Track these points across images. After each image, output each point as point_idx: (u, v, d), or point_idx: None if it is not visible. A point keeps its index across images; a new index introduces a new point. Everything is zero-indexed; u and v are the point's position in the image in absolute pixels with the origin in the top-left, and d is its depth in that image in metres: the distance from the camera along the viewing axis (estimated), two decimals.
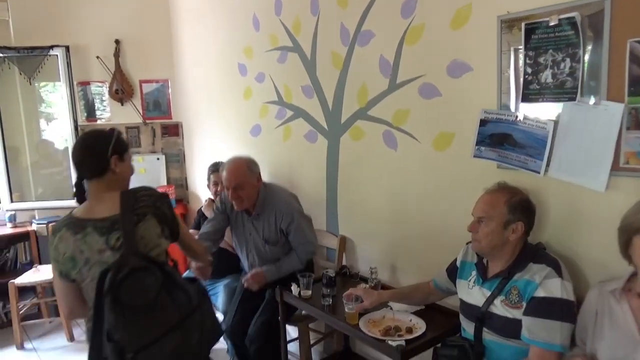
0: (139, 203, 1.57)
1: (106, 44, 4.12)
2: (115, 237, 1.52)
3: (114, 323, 1.39)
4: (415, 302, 2.11)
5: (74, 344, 3.61)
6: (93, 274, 1.49)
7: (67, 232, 1.53)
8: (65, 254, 1.53)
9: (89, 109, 4.25)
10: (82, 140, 1.70)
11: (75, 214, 1.58)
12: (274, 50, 3.10)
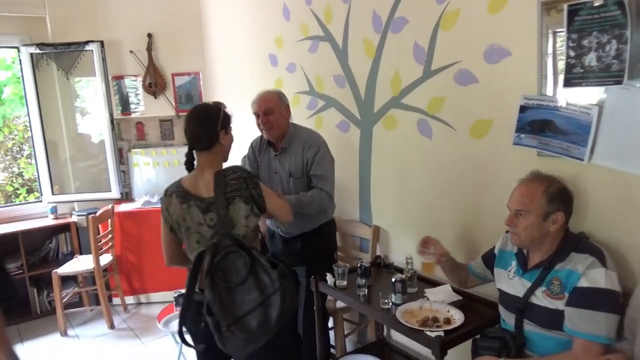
0: (228, 187, 1.77)
1: (139, 39, 4.19)
2: (210, 217, 1.76)
3: (212, 300, 1.65)
4: (459, 278, 2.10)
5: (114, 332, 3.73)
6: (192, 240, 1.79)
7: (176, 199, 1.79)
8: (172, 216, 1.79)
9: (124, 102, 4.34)
10: (194, 115, 1.82)
11: (183, 183, 1.82)
12: (305, 39, 3.08)
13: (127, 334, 3.68)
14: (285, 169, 2.53)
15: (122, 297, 4.07)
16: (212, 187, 1.76)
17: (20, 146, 5.66)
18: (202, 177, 1.81)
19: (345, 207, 3.02)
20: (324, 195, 2.47)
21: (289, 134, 2.51)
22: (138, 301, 4.17)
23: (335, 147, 3.00)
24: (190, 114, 1.84)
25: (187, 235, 1.80)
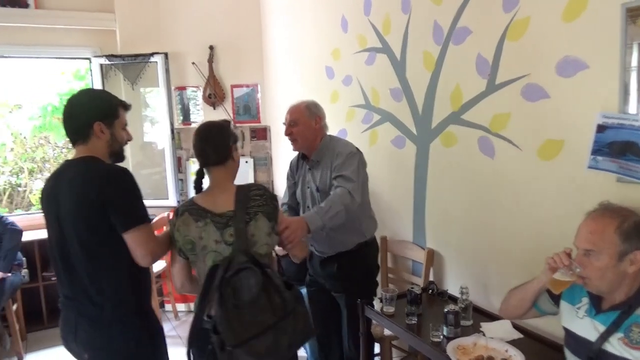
0: (251, 202, 1.67)
1: (201, 51, 4.28)
2: (228, 233, 1.64)
3: (219, 317, 1.53)
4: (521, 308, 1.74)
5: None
6: (208, 260, 1.65)
7: (189, 217, 1.66)
8: (186, 236, 1.66)
9: (185, 112, 4.44)
10: (205, 130, 1.75)
11: (197, 201, 1.70)
12: (362, 51, 2.99)
13: (176, 342, 3.70)
14: (315, 184, 2.41)
15: (173, 304, 4.12)
16: (232, 201, 1.66)
17: None
18: (220, 193, 1.70)
19: (397, 227, 2.87)
20: (343, 193, 2.14)
21: (322, 147, 2.39)
22: (189, 309, 4.21)
23: (389, 164, 2.88)
24: (201, 129, 1.75)
25: (203, 255, 1.66)
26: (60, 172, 1.73)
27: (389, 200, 2.87)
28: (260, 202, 1.68)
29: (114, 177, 1.64)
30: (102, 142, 1.71)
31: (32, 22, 4.04)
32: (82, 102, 1.71)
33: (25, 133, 5.60)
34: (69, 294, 1.73)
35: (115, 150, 1.76)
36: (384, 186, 2.95)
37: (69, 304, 1.74)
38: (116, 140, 1.74)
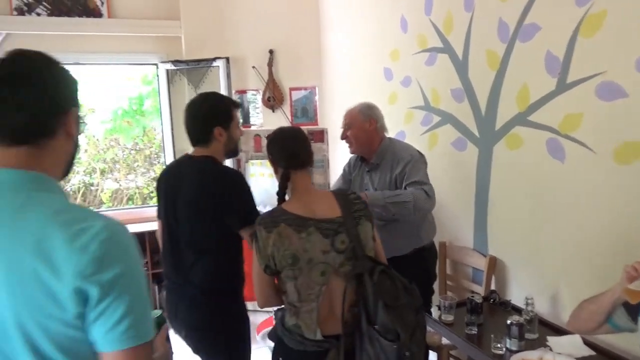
0: (354, 206, 1.61)
1: (261, 54, 4.35)
2: (340, 240, 1.54)
3: (390, 323, 1.44)
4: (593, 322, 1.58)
5: None
6: (314, 273, 1.53)
7: (287, 228, 1.52)
8: (286, 250, 1.51)
9: (245, 115, 4.54)
10: (297, 133, 1.71)
11: (290, 209, 1.57)
12: (422, 52, 2.91)
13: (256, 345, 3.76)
14: (373, 187, 2.38)
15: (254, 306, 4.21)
16: (334, 206, 1.58)
17: (157, 154, 6.24)
18: (314, 199, 1.61)
19: (456, 233, 2.77)
20: (417, 191, 2.15)
21: (381, 150, 2.36)
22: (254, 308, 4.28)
23: (449, 167, 2.79)
24: (288, 132, 1.72)
25: (309, 269, 1.52)
26: (181, 165, 1.90)
27: (448, 204, 2.77)
28: (360, 206, 1.62)
29: (234, 180, 1.83)
30: (220, 144, 1.85)
31: (105, 31, 4.28)
32: (203, 110, 1.86)
33: (98, 135, 5.96)
34: (173, 277, 1.90)
35: (231, 149, 1.92)
36: (443, 190, 2.84)
37: (172, 286, 1.93)
38: (232, 139, 1.89)
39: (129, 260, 0.85)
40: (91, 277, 0.79)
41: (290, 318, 1.58)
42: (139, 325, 0.84)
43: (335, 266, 1.54)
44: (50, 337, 0.81)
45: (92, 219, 0.84)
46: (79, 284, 0.79)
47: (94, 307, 0.80)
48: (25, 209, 0.84)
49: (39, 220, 0.82)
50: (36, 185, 0.87)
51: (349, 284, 1.54)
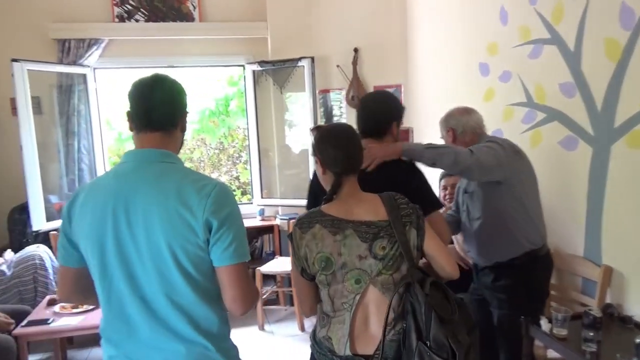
0: (401, 211, 1.47)
1: (346, 53, 4.32)
2: (379, 246, 1.41)
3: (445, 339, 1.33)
4: None
5: (304, 334, 3.86)
6: (348, 281, 1.42)
7: (322, 230, 1.42)
8: (320, 252, 1.42)
9: (328, 115, 4.52)
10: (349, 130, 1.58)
11: (328, 211, 1.46)
12: (525, 44, 2.72)
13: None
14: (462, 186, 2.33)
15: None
16: (379, 209, 1.46)
17: (240, 153, 6.43)
18: (357, 202, 1.49)
19: (563, 238, 2.55)
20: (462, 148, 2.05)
21: None
22: None
23: (555, 167, 2.58)
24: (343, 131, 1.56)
25: (342, 274, 1.42)
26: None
27: (553, 208, 2.56)
28: (408, 212, 1.47)
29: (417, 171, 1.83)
30: (392, 139, 1.88)
31: (197, 34, 4.45)
32: (386, 104, 1.93)
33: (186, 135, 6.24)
34: None
35: None
36: (547, 192, 2.63)
37: None
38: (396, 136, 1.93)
39: (234, 204, 1.28)
40: (213, 214, 1.22)
41: (322, 329, 1.48)
42: (241, 248, 1.26)
43: (372, 274, 1.41)
44: (187, 256, 1.22)
45: (208, 179, 1.30)
46: (207, 218, 1.21)
47: (214, 235, 1.22)
48: (166, 172, 1.27)
49: (176, 179, 1.26)
50: (168, 158, 1.31)
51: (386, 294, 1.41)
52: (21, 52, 3.89)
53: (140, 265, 1.23)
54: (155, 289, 1.24)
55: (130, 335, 1.26)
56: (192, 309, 1.25)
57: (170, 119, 1.32)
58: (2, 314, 2.92)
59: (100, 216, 1.24)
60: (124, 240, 1.23)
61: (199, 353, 1.26)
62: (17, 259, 3.41)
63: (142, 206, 1.23)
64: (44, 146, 4.09)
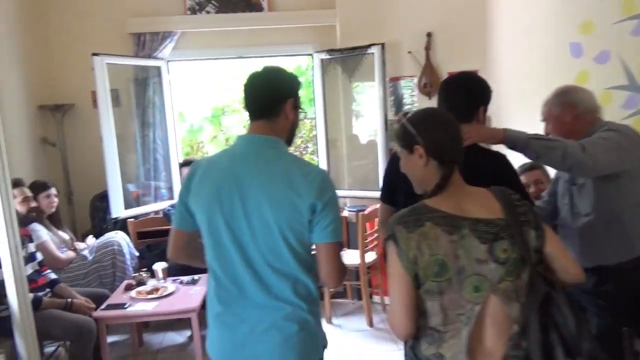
0: (517, 209, 1.30)
1: (418, 38, 4.11)
2: (501, 248, 1.24)
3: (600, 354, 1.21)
4: None
5: (372, 330, 3.77)
6: (466, 289, 1.24)
7: (435, 228, 1.25)
8: (432, 255, 1.23)
9: (398, 104, 4.35)
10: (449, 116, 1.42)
11: (437, 206, 1.28)
12: (628, 19, 2.42)
13: (384, 336, 3.65)
14: (577, 204, 2.02)
15: (382, 297, 4.10)
16: (493, 205, 1.30)
17: (307, 143, 6.40)
18: (467, 194, 1.33)
19: None
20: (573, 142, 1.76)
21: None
22: None
23: None
24: (446, 117, 1.39)
25: (459, 281, 1.24)
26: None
27: None
28: (524, 209, 1.32)
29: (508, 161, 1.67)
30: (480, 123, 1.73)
31: (266, 24, 4.43)
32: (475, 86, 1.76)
33: None
34: None
35: None
36: None
37: None
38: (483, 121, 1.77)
39: (333, 190, 1.46)
40: (318, 198, 1.39)
41: (430, 346, 1.28)
42: (337, 229, 1.43)
43: (494, 281, 1.24)
44: (293, 232, 1.41)
45: (312, 166, 1.52)
46: (312, 201, 1.39)
47: (317, 216, 1.40)
48: (275, 158, 1.46)
49: (285, 164, 1.45)
50: (275, 144, 1.48)
51: (508, 304, 1.24)
52: (101, 46, 4.06)
53: (251, 237, 1.43)
54: (262, 258, 1.43)
55: (240, 296, 1.47)
56: (294, 276, 1.45)
57: (271, 108, 1.48)
58: (85, 297, 3.06)
59: (216, 192, 1.44)
60: (236, 215, 1.43)
61: (297, 313, 1.46)
62: (97, 245, 3.57)
63: (253, 187, 1.42)
64: (122, 137, 4.27)
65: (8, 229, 2.38)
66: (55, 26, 4.29)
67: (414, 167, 1.38)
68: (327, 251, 1.42)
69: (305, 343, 1.47)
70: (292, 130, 1.55)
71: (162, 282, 3.34)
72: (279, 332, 1.45)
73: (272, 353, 1.45)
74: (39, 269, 3.02)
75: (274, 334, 1.45)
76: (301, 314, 1.46)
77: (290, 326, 1.45)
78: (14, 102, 3.86)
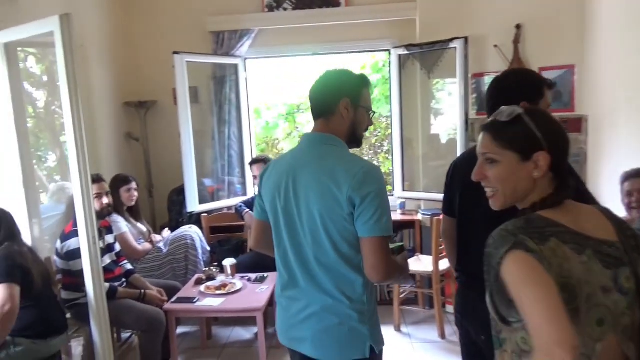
0: (627, 232, 1.11)
1: (506, 31, 3.80)
2: (625, 276, 1.05)
3: None
4: None
5: (444, 342, 3.54)
6: (590, 319, 1.03)
7: (562, 246, 1.04)
8: (563, 277, 1.01)
9: (480, 102, 4.06)
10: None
11: (557, 219, 1.08)
12: None
13: (456, 350, 3.38)
14: None
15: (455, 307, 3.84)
16: (605, 225, 1.11)
17: (382, 142, 6.22)
18: (577, 210, 1.13)
19: None
20: None
21: None
22: None
23: None
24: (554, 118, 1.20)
25: (586, 309, 1.03)
26: None
27: None
28: (632, 232, 1.13)
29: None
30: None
31: (343, 20, 4.32)
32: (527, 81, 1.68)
33: None
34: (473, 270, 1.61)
35: None
36: None
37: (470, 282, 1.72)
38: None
39: (377, 185, 1.46)
40: (356, 191, 1.42)
41: None
42: (380, 224, 1.44)
43: (616, 314, 1.04)
44: (334, 225, 1.47)
45: (360, 162, 1.52)
46: (350, 194, 1.43)
47: (357, 209, 1.44)
48: (327, 153, 1.53)
49: (334, 160, 1.50)
50: (331, 141, 1.56)
51: (626, 344, 1.03)
52: (181, 45, 4.17)
53: (301, 228, 1.54)
54: (309, 249, 1.53)
55: (290, 282, 1.60)
56: (336, 270, 1.51)
57: (326, 107, 1.58)
58: (158, 289, 3.15)
59: (277, 185, 1.59)
60: (291, 207, 1.55)
61: (338, 307, 1.52)
62: (172, 238, 3.67)
63: (305, 181, 1.52)
64: (200, 133, 4.38)
65: (87, 221, 2.48)
66: (140, 26, 4.48)
67: (520, 177, 1.13)
68: (369, 245, 1.45)
69: (346, 338, 1.52)
70: (353, 129, 1.60)
71: (230, 279, 3.37)
72: (320, 322, 1.54)
73: (312, 340, 1.56)
74: (116, 259, 3.15)
75: (315, 322, 1.55)
76: (342, 309, 1.52)
77: (330, 318, 1.53)
78: (102, 99, 4.09)
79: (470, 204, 1.66)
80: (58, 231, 3.09)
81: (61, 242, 2.80)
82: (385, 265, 1.46)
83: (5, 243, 2.36)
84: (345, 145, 1.58)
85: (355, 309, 1.52)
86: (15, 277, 2.26)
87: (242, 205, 4.03)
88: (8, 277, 2.24)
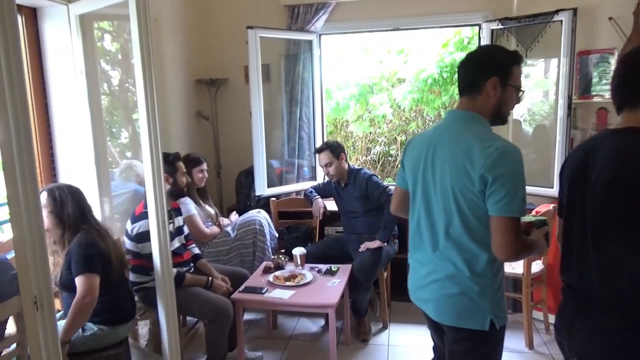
0: None
1: (625, 1, 3.25)
2: None
3: None
4: None
5: (531, 353, 3.17)
6: None
7: None
8: None
9: (586, 83, 3.54)
10: None
11: None
12: None
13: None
14: None
15: (545, 314, 3.44)
16: None
17: None
18: None
19: None
20: None
21: None
22: None
23: None
24: None
25: None
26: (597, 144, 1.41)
27: None
28: None
29: None
30: None
31: None
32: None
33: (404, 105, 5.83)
34: (572, 281, 1.49)
35: None
36: None
37: (570, 294, 1.50)
38: None
39: (512, 165, 1.48)
40: (488, 171, 1.48)
41: None
42: (511, 205, 1.46)
43: None
44: (465, 199, 1.55)
45: (497, 142, 1.51)
46: (482, 173, 1.49)
47: (489, 188, 1.49)
48: (465, 130, 1.59)
49: (469, 138, 1.55)
50: (469, 118, 1.61)
51: None
52: (255, 20, 3.97)
53: (435, 200, 1.64)
54: (439, 220, 1.62)
55: (420, 246, 1.72)
56: (462, 242, 1.58)
57: (471, 85, 1.60)
58: (224, 277, 3.00)
59: (417, 158, 1.70)
60: (427, 178, 1.66)
61: (460, 278, 1.59)
62: (240, 222, 3.51)
63: (442, 155, 1.60)
64: (270, 113, 4.18)
65: (157, 203, 2.34)
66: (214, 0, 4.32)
67: None
68: (497, 224, 1.49)
69: (465, 308, 1.59)
70: (498, 108, 1.60)
71: (299, 269, 3.17)
72: (442, 288, 1.64)
73: (435, 303, 1.67)
74: (185, 242, 3.03)
75: (438, 288, 1.65)
76: (465, 280, 1.59)
77: (452, 286, 1.61)
78: (173, 76, 3.97)
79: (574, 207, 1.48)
80: (126, 210, 3.00)
81: (131, 224, 2.69)
82: (512, 246, 1.48)
83: (83, 227, 2.27)
84: (486, 124, 1.61)
85: (478, 282, 1.57)
86: (95, 268, 2.20)
87: (312, 191, 3.81)
88: (89, 268, 2.18)
